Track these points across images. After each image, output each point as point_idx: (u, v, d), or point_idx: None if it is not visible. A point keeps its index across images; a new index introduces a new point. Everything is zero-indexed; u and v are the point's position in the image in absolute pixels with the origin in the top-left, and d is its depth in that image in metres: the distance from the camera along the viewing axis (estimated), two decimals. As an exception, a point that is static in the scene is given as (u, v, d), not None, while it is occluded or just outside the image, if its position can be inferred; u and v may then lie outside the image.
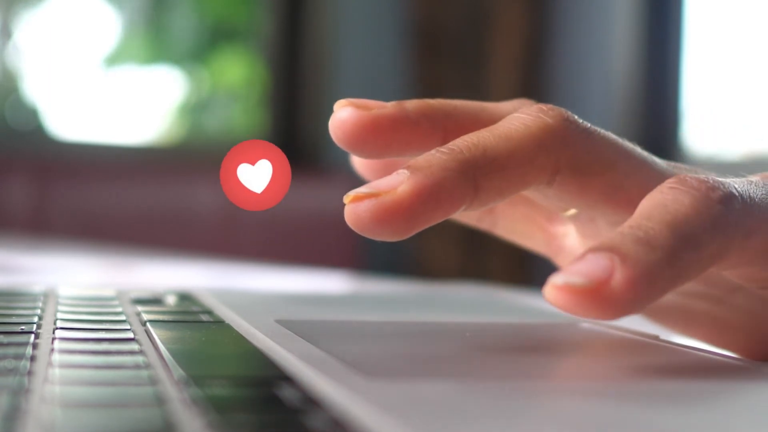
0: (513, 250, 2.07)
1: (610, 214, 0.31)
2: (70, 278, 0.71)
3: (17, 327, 0.30)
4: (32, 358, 0.25)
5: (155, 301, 0.38)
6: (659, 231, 0.25)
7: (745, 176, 0.31)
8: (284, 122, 2.14)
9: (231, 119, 2.37)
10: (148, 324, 0.31)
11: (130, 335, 0.29)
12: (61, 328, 0.29)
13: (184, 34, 2.30)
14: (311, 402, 0.20)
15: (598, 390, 0.23)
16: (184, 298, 0.40)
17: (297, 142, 2.13)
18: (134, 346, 0.27)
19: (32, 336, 0.28)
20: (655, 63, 1.94)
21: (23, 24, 2.16)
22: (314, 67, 2.14)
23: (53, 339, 0.28)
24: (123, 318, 0.32)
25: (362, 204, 0.26)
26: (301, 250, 1.80)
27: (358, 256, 1.87)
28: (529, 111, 0.29)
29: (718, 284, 0.32)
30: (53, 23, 2.13)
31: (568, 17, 2.09)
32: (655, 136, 1.90)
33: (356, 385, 0.22)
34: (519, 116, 0.29)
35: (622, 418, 0.21)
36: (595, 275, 0.24)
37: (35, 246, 1.13)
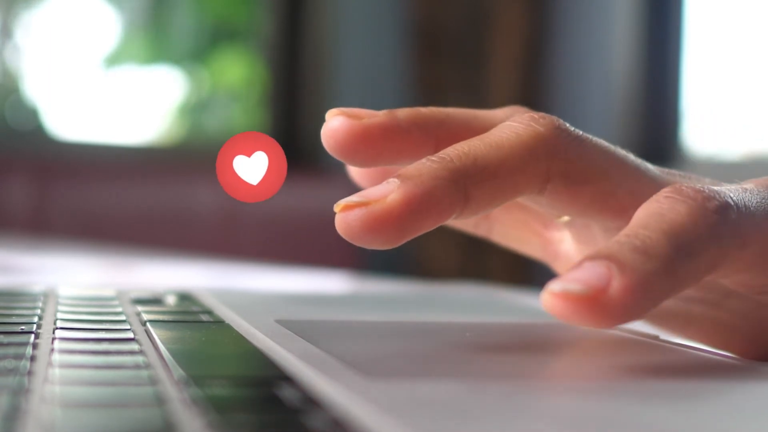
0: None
1: (604, 221, 0.31)
2: (70, 278, 0.71)
3: (17, 327, 0.30)
4: (32, 358, 0.25)
5: (155, 301, 0.38)
6: (656, 240, 0.25)
7: (739, 183, 0.31)
8: (284, 122, 2.14)
9: (231, 119, 2.37)
10: (148, 324, 0.31)
11: (130, 335, 0.29)
12: (61, 328, 0.29)
13: (184, 34, 2.30)
14: (311, 402, 0.20)
15: (597, 390, 0.23)
16: (184, 298, 0.40)
17: (297, 142, 2.13)
18: (134, 346, 0.27)
19: (32, 336, 0.28)
20: (655, 63, 1.94)
21: (23, 24, 2.16)
22: (314, 67, 2.14)
23: (53, 339, 0.28)
24: (123, 318, 0.32)
25: (352, 213, 0.26)
26: (301, 250, 1.80)
27: (358, 256, 1.87)
28: (521, 119, 0.29)
29: (714, 289, 0.32)
30: (53, 23, 2.13)
31: (568, 17, 2.09)
32: (655, 136, 1.90)
33: (356, 385, 0.22)
34: (510, 125, 0.29)
35: (622, 418, 0.21)
36: (592, 283, 0.24)
37: (35, 246, 1.13)
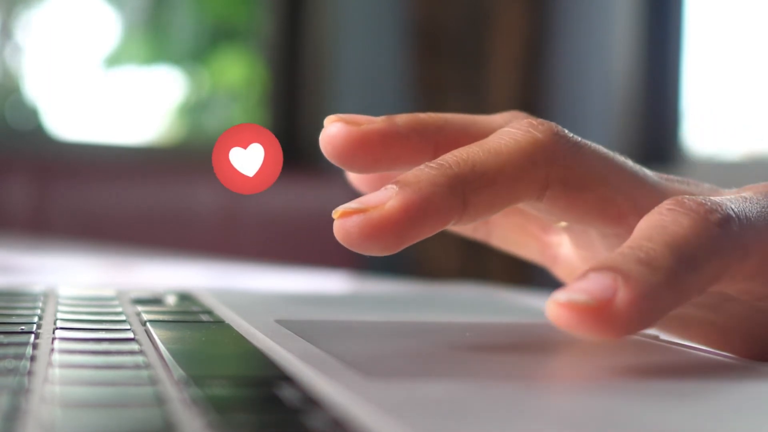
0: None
1: (602, 228, 0.31)
2: (70, 278, 0.70)
3: (17, 327, 0.30)
4: (32, 358, 0.25)
5: (155, 301, 0.38)
6: (660, 252, 0.25)
7: (738, 190, 0.31)
8: (284, 122, 2.14)
9: (231, 119, 2.37)
10: (148, 324, 0.31)
11: (130, 335, 0.29)
12: (61, 328, 0.29)
13: (184, 34, 2.30)
14: (311, 402, 0.20)
15: (598, 390, 0.23)
16: (184, 298, 0.40)
17: (297, 142, 2.12)
18: (134, 346, 0.27)
19: (32, 336, 0.28)
20: (655, 63, 1.94)
21: (23, 24, 2.16)
22: (314, 67, 2.14)
23: (53, 339, 0.28)
24: (123, 318, 0.32)
25: (351, 219, 0.26)
26: (301, 250, 1.80)
27: (358, 256, 1.87)
28: (520, 126, 0.29)
29: (714, 294, 0.32)
30: (53, 23, 2.13)
31: (568, 17, 2.09)
32: (655, 136, 1.90)
33: (356, 385, 0.22)
34: (509, 131, 0.29)
35: (622, 418, 0.21)
36: (598, 294, 0.24)
37: (35, 246, 1.13)
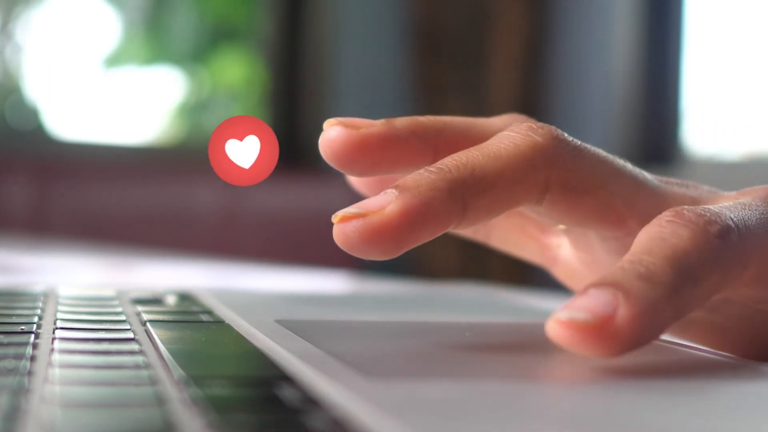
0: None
1: (602, 231, 0.31)
2: (70, 278, 0.70)
3: (17, 327, 0.30)
4: (32, 358, 0.25)
5: (155, 301, 0.38)
6: (660, 267, 0.25)
7: (737, 194, 0.31)
8: (284, 122, 2.14)
9: (231, 119, 2.36)
10: (148, 324, 0.31)
11: (130, 335, 0.29)
12: (61, 328, 0.29)
13: (184, 34, 2.30)
14: (311, 402, 0.20)
15: (598, 389, 0.23)
16: (184, 298, 0.40)
17: (297, 142, 2.12)
18: (134, 346, 0.27)
19: (32, 336, 0.28)
20: (655, 63, 1.94)
21: (23, 24, 2.16)
22: (314, 67, 2.14)
23: (53, 339, 0.28)
24: (123, 318, 0.32)
25: (350, 224, 0.26)
26: (301, 250, 1.80)
27: (358, 257, 1.87)
28: (519, 129, 0.29)
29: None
30: (53, 23, 2.13)
31: (568, 17, 2.09)
32: (655, 136, 1.90)
33: (356, 385, 0.22)
34: (508, 134, 0.29)
35: (622, 418, 0.21)
36: (599, 311, 0.24)
37: (35, 246, 1.13)
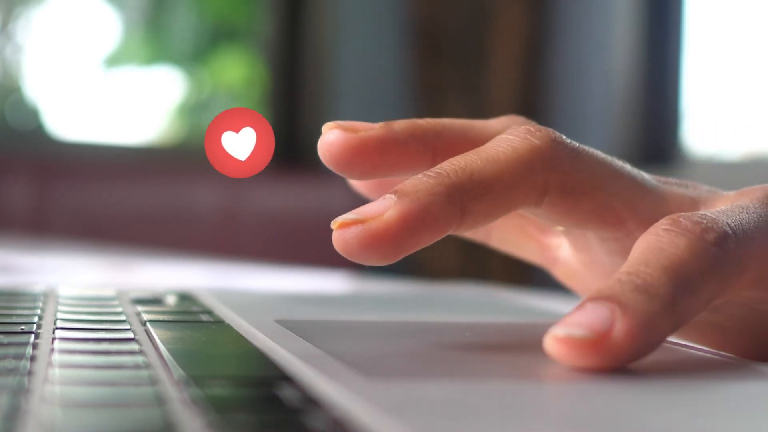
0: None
1: (601, 232, 0.31)
2: (70, 278, 0.70)
3: (17, 327, 0.30)
4: (32, 358, 0.25)
5: (155, 301, 0.38)
6: (657, 278, 0.25)
7: (736, 194, 0.31)
8: (284, 122, 2.14)
9: (231, 119, 2.36)
10: (148, 324, 0.31)
11: (130, 335, 0.29)
12: (61, 328, 0.29)
13: (184, 34, 2.30)
14: (311, 402, 0.20)
15: (598, 389, 0.23)
16: (184, 298, 0.40)
17: (297, 142, 2.12)
18: (134, 346, 0.27)
19: (32, 336, 0.28)
20: (655, 63, 1.94)
21: (23, 24, 2.16)
22: (314, 67, 2.14)
23: (53, 339, 0.28)
24: (123, 318, 0.32)
25: (349, 230, 0.26)
26: (301, 250, 1.80)
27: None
28: (517, 132, 0.29)
29: None
30: (53, 23, 2.13)
31: (568, 17, 2.09)
32: (655, 136, 1.90)
33: (356, 385, 0.22)
34: (507, 138, 0.29)
35: (622, 418, 0.21)
36: (596, 326, 0.24)
37: (35, 246, 1.13)
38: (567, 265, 0.35)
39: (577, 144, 0.30)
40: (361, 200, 0.28)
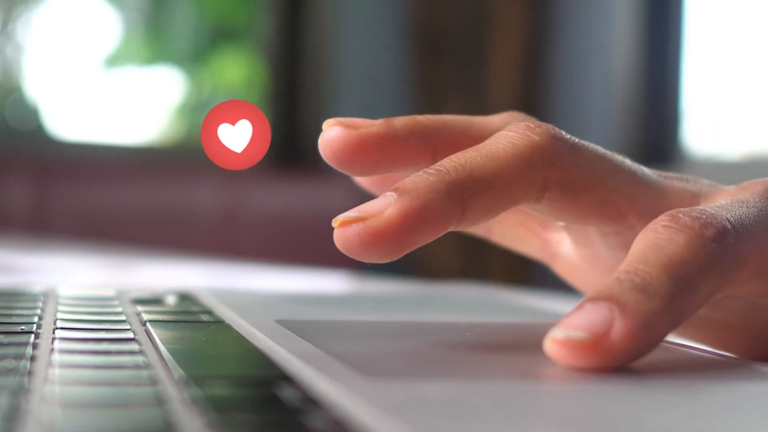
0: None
1: (601, 227, 0.31)
2: (70, 278, 0.70)
3: (17, 327, 0.30)
4: (32, 358, 0.25)
5: (155, 301, 0.38)
6: (656, 276, 0.25)
7: (736, 188, 0.31)
8: (284, 122, 2.14)
9: (231, 119, 2.36)
10: (148, 324, 0.31)
11: (130, 335, 0.29)
12: (61, 328, 0.29)
13: (184, 34, 2.30)
14: (311, 402, 0.20)
15: (598, 389, 0.23)
16: (184, 298, 0.40)
17: (297, 142, 2.12)
18: (134, 346, 0.27)
19: (32, 336, 0.28)
20: (655, 63, 1.94)
21: (24, 23, 2.16)
22: (314, 67, 2.14)
23: (53, 339, 0.28)
24: (123, 318, 0.32)
25: (351, 228, 0.26)
26: (301, 250, 1.80)
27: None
28: (517, 128, 0.29)
29: None
30: (53, 23, 2.13)
31: (568, 17, 2.09)
32: (655, 136, 1.90)
33: (356, 385, 0.22)
34: (506, 134, 0.29)
35: (622, 418, 0.21)
36: (594, 328, 0.24)
37: (35, 246, 1.13)
38: (568, 260, 0.36)
39: (577, 140, 0.30)
40: (361, 200, 0.28)
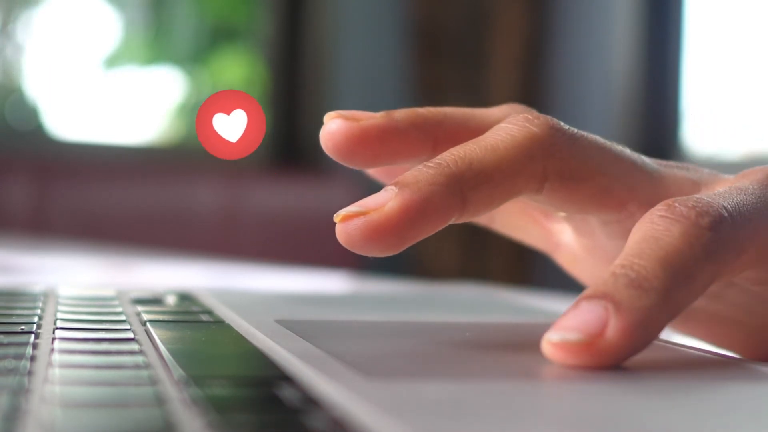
0: (513, 249, 2.07)
1: (602, 215, 0.31)
2: (70, 278, 0.71)
3: (17, 327, 0.30)
4: (32, 358, 0.25)
5: (155, 301, 0.38)
6: (651, 270, 0.25)
7: (737, 177, 0.31)
8: (284, 122, 2.14)
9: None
10: (148, 324, 0.31)
11: (130, 335, 0.29)
12: (61, 328, 0.29)
13: (184, 35, 2.30)
14: (311, 402, 0.20)
15: (598, 389, 0.23)
16: (184, 298, 0.40)
17: (297, 142, 2.13)
18: (134, 346, 0.27)
19: (32, 336, 0.28)
20: (655, 63, 1.94)
21: (23, 24, 2.16)
22: (314, 67, 2.14)
23: (53, 339, 0.28)
24: (123, 318, 0.32)
25: (352, 223, 0.27)
26: (301, 250, 1.80)
27: (358, 256, 1.87)
28: (516, 121, 0.29)
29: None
30: (53, 23, 2.13)
31: (568, 17, 2.09)
32: (655, 136, 1.90)
33: (356, 385, 0.22)
34: (505, 126, 0.29)
35: (622, 418, 0.21)
36: (589, 329, 0.24)
37: (35, 246, 1.13)
38: (569, 250, 0.36)
39: (576, 130, 0.30)
40: (361, 198, 0.28)
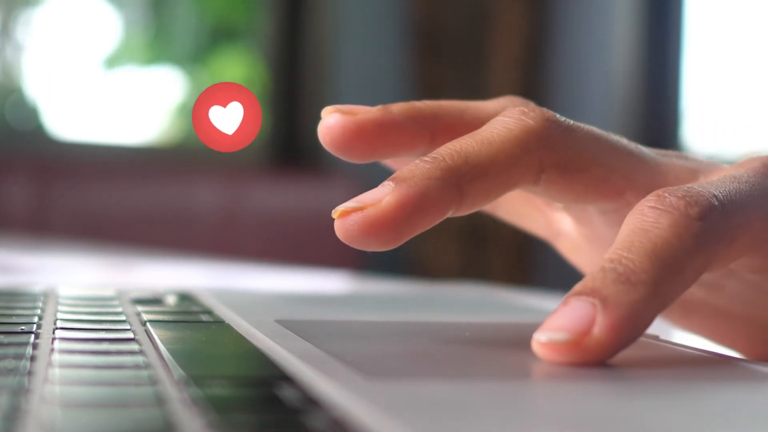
0: (513, 249, 2.07)
1: (600, 205, 0.31)
2: (70, 278, 0.71)
3: (17, 327, 0.30)
4: (32, 358, 0.25)
5: (155, 301, 0.38)
6: (640, 264, 0.25)
7: (735, 165, 0.31)
8: (284, 122, 2.14)
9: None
10: (148, 324, 0.31)
11: (130, 335, 0.29)
12: (61, 328, 0.29)
13: (184, 35, 2.30)
14: (311, 402, 0.20)
15: (598, 390, 0.24)
16: (184, 298, 0.40)
17: (297, 142, 2.12)
18: (134, 346, 0.27)
19: (32, 336, 0.28)
20: (655, 63, 1.94)
21: (23, 24, 2.16)
22: (314, 67, 2.14)
23: (53, 339, 0.28)
24: (123, 318, 0.32)
25: (350, 218, 0.27)
26: (301, 250, 1.80)
27: (357, 256, 1.87)
28: (512, 114, 0.29)
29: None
30: (53, 23, 2.13)
31: (568, 17, 2.09)
32: (655, 136, 1.90)
33: (356, 385, 0.22)
34: (502, 119, 0.29)
35: (622, 418, 0.21)
36: (576, 327, 0.25)
37: (35, 246, 1.13)
38: (570, 239, 0.36)
39: (572, 122, 0.30)
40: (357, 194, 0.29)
